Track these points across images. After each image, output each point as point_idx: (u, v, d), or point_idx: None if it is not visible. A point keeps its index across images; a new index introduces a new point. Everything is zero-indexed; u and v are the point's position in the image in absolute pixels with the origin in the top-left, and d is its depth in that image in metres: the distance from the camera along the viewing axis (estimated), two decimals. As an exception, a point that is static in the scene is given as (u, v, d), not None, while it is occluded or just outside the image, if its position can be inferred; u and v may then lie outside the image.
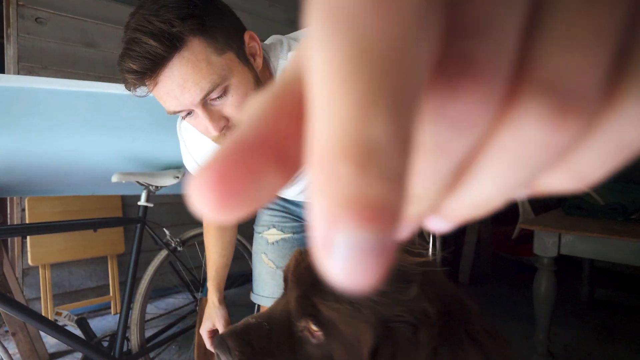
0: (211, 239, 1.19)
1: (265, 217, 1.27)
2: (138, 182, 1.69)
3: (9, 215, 2.52)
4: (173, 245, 1.89)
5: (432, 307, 0.50)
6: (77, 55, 2.61)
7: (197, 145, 1.01)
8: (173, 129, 1.81)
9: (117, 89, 1.64)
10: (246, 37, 0.78)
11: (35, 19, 2.45)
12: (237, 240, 2.14)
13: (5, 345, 1.46)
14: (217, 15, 0.72)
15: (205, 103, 0.73)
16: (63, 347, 2.29)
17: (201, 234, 1.96)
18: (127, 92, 1.69)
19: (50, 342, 2.32)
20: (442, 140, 0.11)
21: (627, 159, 0.13)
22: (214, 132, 0.76)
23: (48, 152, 1.58)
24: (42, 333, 2.14)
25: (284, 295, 0.60)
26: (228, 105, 0.75)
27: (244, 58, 0.77)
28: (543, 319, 2.00)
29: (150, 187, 1.73)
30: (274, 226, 1.26)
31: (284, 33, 0.86)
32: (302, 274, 0.55)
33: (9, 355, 1.47)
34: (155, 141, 1.77)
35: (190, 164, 1.08)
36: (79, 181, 1.94)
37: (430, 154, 0.11)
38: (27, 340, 1.96)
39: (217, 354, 0.55)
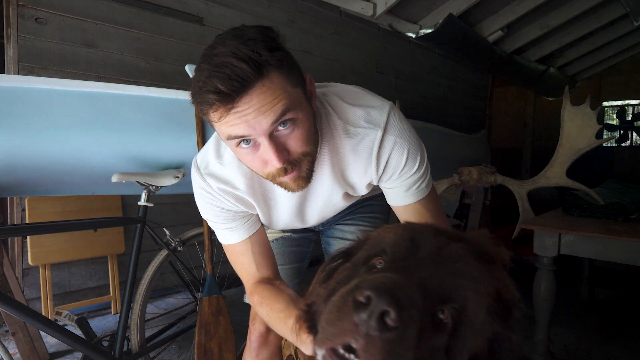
0: (273, 301, 1.00)
1: None
2: (138, 182, 1.69)
3: (9, 215, 2.52)
4: (173, 245, 1.89)
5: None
6: (77, 55, 2.61)
7: (225, 192, 0.97)
8: (173, 130, 1.82)
9: (117, 89, 1.64)
10: (307, 79, 0.85)
11: (35, 19, 2.45)
12: (237, 240, 2.14)
13: (6, 345, 1.46)
14: (289, 55, 0.80)
15: (271, 134, 0.77)
16: (63, 347, 2.29)
17: (201, 234, 1.96)
18: (127, 92, 1.69)
19: (50, 342, 2.32)
20: None
21: None
22: (277, 164, 0.78)
23: (48, 152, 1.58)
24: (42, 333, 2.14)
25: (403, 265, 0.53)
26: (292, 138, 0.79)
27: (307, 97, 0.83)
28: (543, 319, 2.00)
29: (150, 187, 1.73)
30: None
31: (283, 33, 0.86)
32: (452, 257, 0.53)
33: (9, 355, 1.47)
34: (155, 141, 1.78)
35: (211, 212, 1.00)
36: (79, 181, 1.94)
37: None
38: (27, 340, 1.96)
39: (382, 312, 0.43)
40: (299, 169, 0.83)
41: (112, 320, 2.71)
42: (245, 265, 1.04)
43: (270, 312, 0.96)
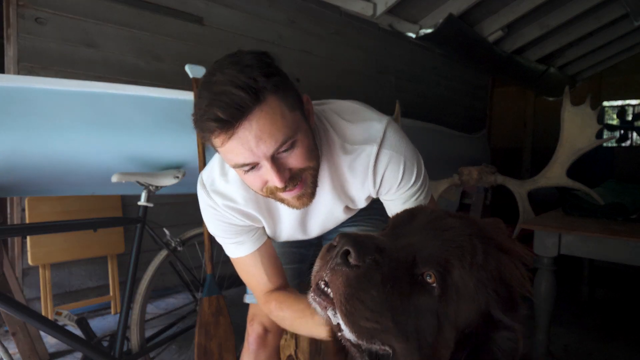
0: (293, 303, 1.03)
1: None
2: (138, 182, 1.69)
3: (9, 215, 2.52)
4: (173, 245, 1.89)
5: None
6: (77, 55, 2.61)
7: (231, 208, 0.99)
8: (173, 130, 1.82)
9: (117, 89, 1.64)
10: (304, 99, 0.88)
11: (35, 19, 2.45)
12: (237, 240, 2.14)
13: (6, 345, 1.46)
14: (287, 81, 0.83)
15: (273, 156, 0.79)
16: (63, 347, 2.29)
17: (201, 234, 1.96)
18: (127, 92, 1.69)
19: (50, 342, 2.32)
20: None
21: None
22: (279, 184, 0.81)
23: (48, 152, 1.58)
24: (42, 333, 2.14)
25: (398, 236, 0.60)
26: (293, 157, 0.82)
27: (305, 117, 0.86)
28: (543, 319, 2.00)
29: (150, 187, 1.73)
30: None
31: (284, 33, 0.87)
32: (446, 230, 0.58)
33: (9, 355, 1.47)
34: (155, 141, 1.78)
35: (219, 228, 1.03)
36: (79, 181, 1.94)
37: None
38: (27, 340, 1.96)
39: (346, 251, 0.54)
40: (303, 183, 0.86)
41: (112, 320, 2.71)
42: (257, 277, 1.06)
43: (293, 313, 0.99)
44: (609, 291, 3.27)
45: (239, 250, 1.05)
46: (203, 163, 1.86)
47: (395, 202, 1.04)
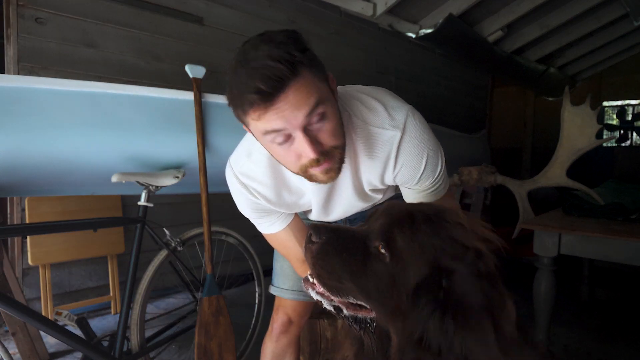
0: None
1: None
2: (138, 182, 1.69)
3: (9, 215, 2.52)
4: (173, 245, 1.89)
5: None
6: (77, 55, 2.61)
7: (258, 186, 1.05)
8: (173, 130, 1.82)
9: (116, 89, 1.64)
10: (329, 77, 0.90)
11: (35, 19, 2.45)
12: (237, 240, 2.15)
13: (5, 345, 1.46)
14: (316, 55, 0.86)
15: (305, 127, 0.82)
16: (63, 347, 2.29)
17: (201, 234, 1.96)
18: (127, 92, 1.69)
19: (50, 342, 2.32)
20: None
21: None
22: (312, 155, 0.84)
23: (48, 152, 1.58)
24: (42, 333, 2.14)
25: (366, 223, 0.78)
26: (324, 131, 0.85)
27: (332, 92, 0.89)
28: (543, 319, 2.00)
29: (150, 187, 1.73)
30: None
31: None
32: (393, 213, 0.72)
33: (9, 355, 1.47)
34: (155, 141, 1.78)
35: (252, 205, 1.09)
36: (79, 181, 1.94)
37: None
38: (27, 340, 1.96)
39: (310, 235, 0.74)
40: (331, 160, 0.88)
41: (112, 320, 2.71)
42: (292, 250, 1.16)
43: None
44: (609, 291, 3.27)
45: (271, 228, 1.13)
46: (203, 163, 1.86)
47: (413, 190, 1.05)
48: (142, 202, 1.75)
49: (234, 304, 2.10)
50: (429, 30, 4.26)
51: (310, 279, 0.78)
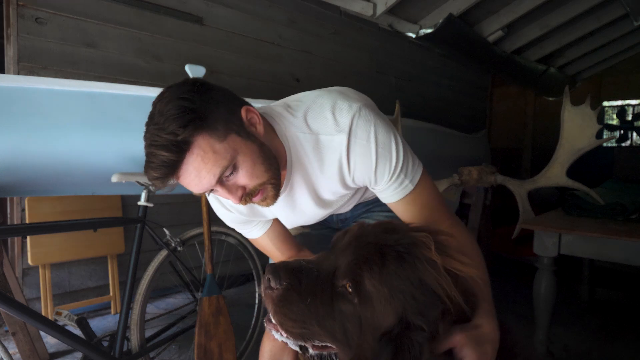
0: None
1: None
2: (138, 182, 1.69)
3: (9, 215, 2.52)
4: (173, 245, 1.89)
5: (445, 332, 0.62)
6: (77, 55, 2.61)
7: (230, 204, 1.09)
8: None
9: (116, 89, 1.64)
10: (243, 113, 0.89)
11: (35, 19, 2.45)
12: (237, 240, 2.15)
13: (5, 345, 1.46)
14: (214, 106, 0.83)
15: (221, 182, 0.86)
16: (63, 347, 2.29)
17: (201, 234, 1.96)
18: (127, 92, 1.69)
19: (50, 342, 2.32)
20: None
21: None
22: (235, 202, 0.89)
23: (48, 152, 1.58)
24: (42, 333, 2.14)
25: (332, 253, 0.73)
26: (241, 178, 0.87)
27: (245, 133, 0.88)
28: (543, 319, 2.00)
29: (150, 187, 1.73)
30: None
31: (284, 33, 0.87)
32: (362, 246, 0.68)
33: (9, 355, 1.47)
34: (155, 141, 1.77)
35: (227, 216, 1.12)
36: (79, 181, 1.94)
37: None
38: (27, 340, 1.96)
39: (268, 279, 0.68)
40: (262, 192, 0.91)
41: (112, 320, 2.71)
42: (270, 252, 1.20)
43: None
44: (609, 291, 3.27)
45: (251, 234, 1.17)
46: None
47: (382, 188, 1.01)
48: (142, 202, 1.75)
49: (234, 304, 2.10)
50: (429, 30, 4.26)
51: (273, 320, 0.72)
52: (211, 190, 0.88)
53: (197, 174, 0.82)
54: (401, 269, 0.64)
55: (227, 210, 1.09)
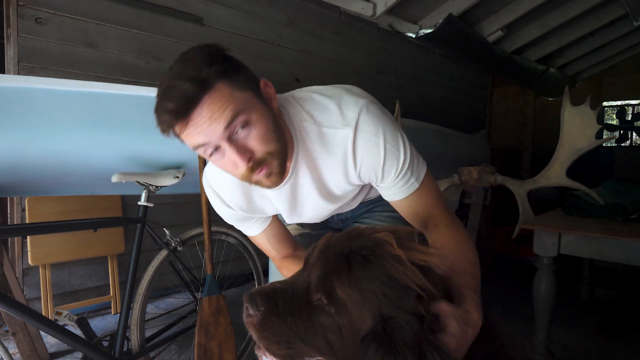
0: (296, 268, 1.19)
1: None
2: (138, 182, 1.69)
3: (9, 215, 2.52)
4: (173, 245, 1.89)
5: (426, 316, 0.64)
6: (77, 55, 2.61)
7: (229, 192, 1.06)
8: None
9: (117, 89, 1.64)
10: (261, 84, 0.90)
11: (35, 19, 2.45)
12: (237, 240, 2.15)
13: (6, 345, 1.46)
14: (239, 64, 0.87)
15: (230, 137, 0.82)
16: (63, 347, 2.30)
17: (201, 234, 1.96)
18: (127, 92, 1.69)
19: (51, 342, 2.32)
20: None
21: None
22: (241, 164, 0.84)
23: (48, 152, 1.58)
24: (42, 333, 2.14)
25: (305, 269, 0.74)
26: (251, 138, 0.84)
27: (262, 99, 0.88)
28: (543, 318, 2.00)
29: (150, 187, 1.73)
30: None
31: (283, 33, 0.87)
32: (329, 257, 0.69)
33: (9, 355, 1.47)
34: (155, 141, 1.77)
35: (226, 212, 1.11)
36: (79, 181, 1.94)
37: None
38: (27, 340, 1.96)
39: (246, 307, 0.70)
40: (268, 165, 0.87)
41: (112, 320, 2.71)
42: (268, 249, 1.20)
43: (289, 273, 1.08)
44: (609, 291, 3.27)
45: (249, 231, 1.17)
46: (203, 163, 1.86)
47: (387, 186, 1.01)
48: (142, 202, 1.75)
49: (234, 304, 2.10)
50: (429, 30, 4.26)
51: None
52: (216, 150, 0.84)
53: (209, 116, 0.79)
54: (368, 270, 0.66)
55: (227, 206, 1.08)
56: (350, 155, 0.95)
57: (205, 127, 0.80)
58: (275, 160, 0.88)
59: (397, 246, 0.68)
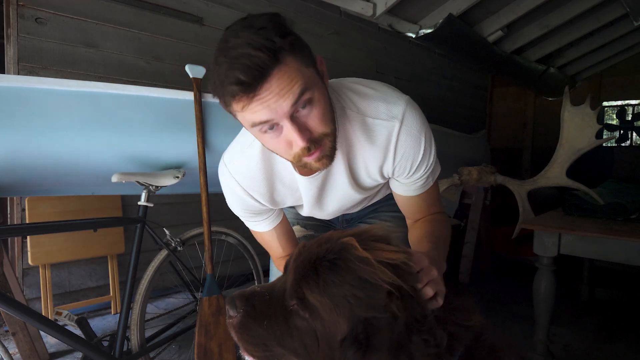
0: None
1: (290, 214, 1.32)
2: (138, 182, 1.69)
3: (9, 215, 2.52)
4: (173, 245, 1.89)
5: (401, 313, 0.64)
6: (77, 55, 2.61)
7: (252, 180, 1.02)
8: (173, 130, 1.82)
9: (117, 89, 1.64)
10: (318, 59, 0.87)
11: (35, 19, 2.45)
12: (237, 240, 2.15)
13: (6, 345, 1.46)
14: (299, 38, 0.83)
15: (292, 115, 0.79)
16: (63, 347, 2.30)
17: (201, 234, 1.96)
18: (127, 92, 1.69)
19: (51, 342, 2.32)
20: None
21: None
22: (301, 143, 0.80)
23: (48, 152, 1.58)
24: (42, 333, 2.14)
25: (284, 275, 0.76)
26: (312, 117, 0.81)
27: (319, 76, 0.86)
28: (543, 318, 2.00)
29: (150, 187, 1.73)
30: (298, 223, 1.33)
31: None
32: (299, 264, 0.71)
33: (9, 355, 1.47)
34: (155, 141, 1.78)
35: (242, 203, 1.07)
36: (79, 181, 1.94)
37: None
38: (27, 340, 1.96)
39: (227, 309, 0.73)
40: (322, 147, 0.85)
41: (112, 320, 2.71)
42: (274, 248, 1.19)
43: None
44: (609, 291, 3.27)
45: (258, 227, 1.14)
46: (203, 163, 1.86)
47: (403, 181, 1.04)
48: (142, 202, 1.75)
49: (234, 304, 2.09)
50: (429, 30, 4.26)
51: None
52: (271, 128, 0.80)
53: (278, 92, 0.75)
54: (336, 275, 0.67)
55: (248, 195, 1.04)
56: (393, 147, 0.97)
57: (272, 102, 0.76)
58: (328, 143, 0.86)
59: (363, 248, 0.69)
